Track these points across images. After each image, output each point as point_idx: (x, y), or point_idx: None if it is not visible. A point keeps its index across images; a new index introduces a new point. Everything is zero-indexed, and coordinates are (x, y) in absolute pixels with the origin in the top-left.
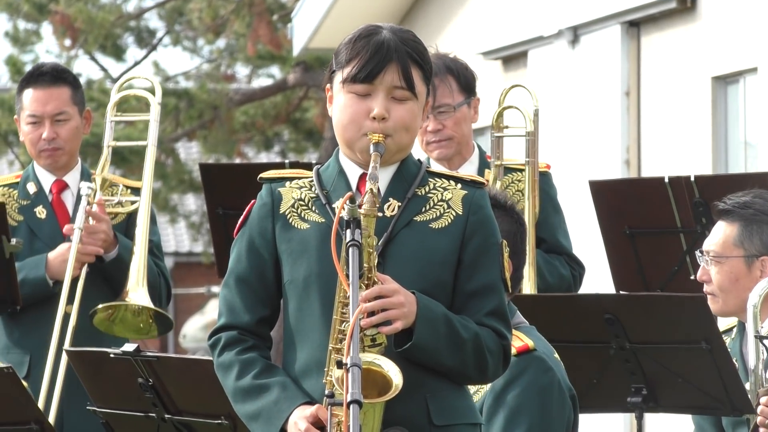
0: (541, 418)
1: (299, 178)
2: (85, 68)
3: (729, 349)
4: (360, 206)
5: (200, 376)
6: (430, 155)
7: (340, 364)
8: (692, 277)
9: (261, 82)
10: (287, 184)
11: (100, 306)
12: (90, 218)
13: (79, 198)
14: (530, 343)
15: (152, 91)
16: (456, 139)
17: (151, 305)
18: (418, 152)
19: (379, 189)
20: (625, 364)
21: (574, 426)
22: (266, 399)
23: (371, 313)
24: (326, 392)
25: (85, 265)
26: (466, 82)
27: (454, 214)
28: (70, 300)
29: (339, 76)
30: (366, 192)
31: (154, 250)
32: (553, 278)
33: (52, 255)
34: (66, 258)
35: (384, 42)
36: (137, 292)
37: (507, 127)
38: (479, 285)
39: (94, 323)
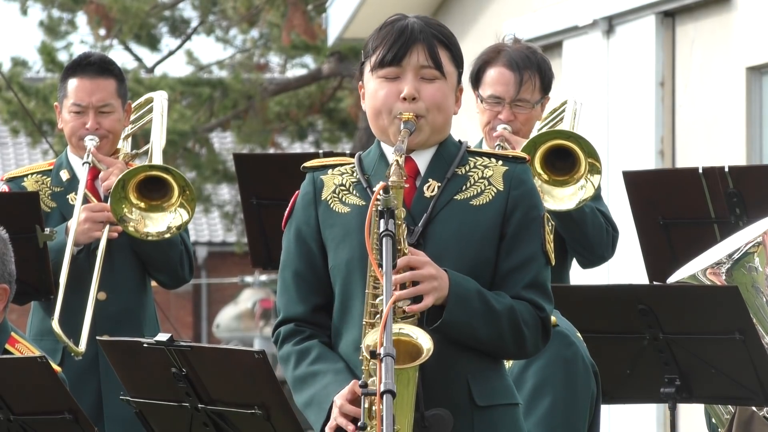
0: (566, 390)
1: (341, 165)
2: (119, 58)
3: None
4: (387, 178)
5: (234, 366)
6: (489, 143)
7: (373, 355)
8: None
9: (295, 72)
10: (329, 171)
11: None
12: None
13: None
14: (553, 318)
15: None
16: (521, 134)
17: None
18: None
19: (418, 169)
20: (659, 354)
21: (596, 401)
22: (318, 384)
23: (402, 286)
24: (360, 382)
25: (107, 228)
26: (547, 81)
27: (495, 190)
28: (102, 286)
29: (368, 66)
30: (392, 164)
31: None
32: (593, 214)
33: (72, 220)
34: (82, 219)
35: (408, 25)
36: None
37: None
38: (519, 259)
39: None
